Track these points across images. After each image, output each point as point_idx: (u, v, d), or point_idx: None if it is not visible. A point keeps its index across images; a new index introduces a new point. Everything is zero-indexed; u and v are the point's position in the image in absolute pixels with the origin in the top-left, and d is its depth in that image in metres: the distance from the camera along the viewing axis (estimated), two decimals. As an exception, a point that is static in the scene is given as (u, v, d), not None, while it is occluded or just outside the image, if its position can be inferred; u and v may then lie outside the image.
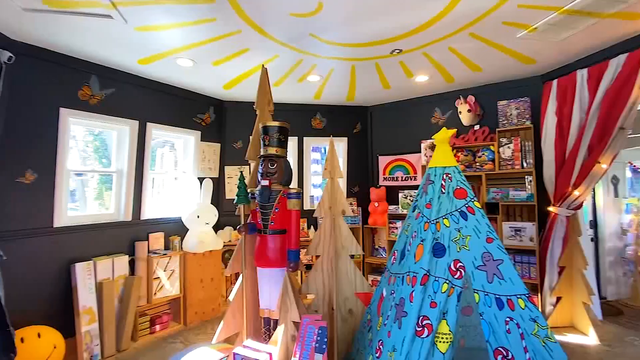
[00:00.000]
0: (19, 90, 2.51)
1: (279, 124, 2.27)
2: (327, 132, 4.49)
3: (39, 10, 1.99)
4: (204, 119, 4.05)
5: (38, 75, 2.61)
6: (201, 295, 3.63)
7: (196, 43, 2.56)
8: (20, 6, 1.94)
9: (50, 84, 2.68)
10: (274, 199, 2.22)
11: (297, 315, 1.97)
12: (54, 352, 2.51)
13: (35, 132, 2.62)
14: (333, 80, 3.50)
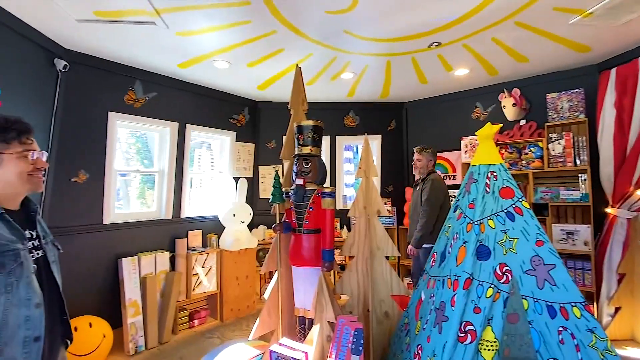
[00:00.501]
0: (73, 96, 2.73)
1: (313, 122, 2.29)
2: (361, 130, 4.46)
3: (91, 21, 2.16)
4: (239, 119, 4.18)
5: (89, 81, 2.83)
6: (237, 292, 3.75)
7: (232, 45, 2.65)
8: (75, 18, 2.12)
9: (99, 89, 2.90)
10: (308, 198, 2.24)
11: (332, 315, 1.98)
12: (104, 341, 2.71)
13: (87, 135, 2.84)
14: (367, 77, 3.47)
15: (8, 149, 1.08)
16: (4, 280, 1.02)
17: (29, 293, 1.07)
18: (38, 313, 1.09)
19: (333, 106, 4.39)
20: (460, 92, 4.06)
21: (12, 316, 1.03)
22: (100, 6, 2.03)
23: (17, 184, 1.11)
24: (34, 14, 2.11)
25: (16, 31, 2.16)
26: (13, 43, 2.18)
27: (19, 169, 1.10)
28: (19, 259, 1.06)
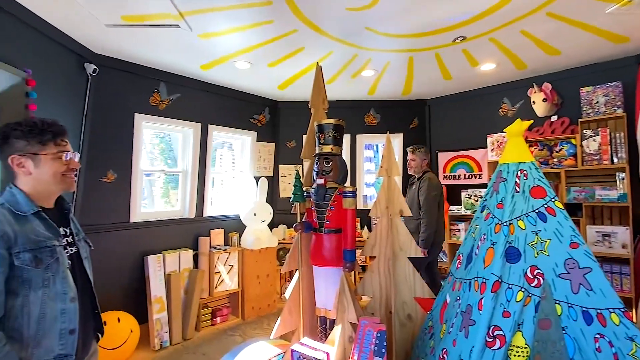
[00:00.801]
0: (102, 99, 2.86)
1: (334, 121, 2.29)
2: (382, 128, 4.41)
3: (119, 25, 2.24)
4: (260, 119, 4.23)
5: (117, 84, 2.95)
6: (258, 291, 3.81)
7: (253, 46, 2.68)
8: (104, 23, 2.21)
9: (126, 91, 3.02)
10: (329, 197, 2.24)
11: (354, 316, 1.97)
12: (131, 336, 2.82)
13: (115, 136, 2.96)
14: (389, 74, 3.43)
15: (44, 150, 1.14)
16: (42, 275, 1.08)
17: (65, 287, 1.13)
18: (73, 307, 1.14)
19: (353, 104, 4.36)
20: (487, 88, 3.94)
21: (50, 309, 1.09)
22: (127, 11, 2.11)
23: (52, 183, 1.17)
24: (66, 20, 2.22)
25: (50, 37, 2.28)
26: (47, 49, 2.30)
27: (53, 169, 1.16)
28: (55, 255, 1.12)
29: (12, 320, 1.03)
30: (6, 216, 1.05)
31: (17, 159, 1.11)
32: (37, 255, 1.07)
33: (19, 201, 1.10)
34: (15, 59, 1.96)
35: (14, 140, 1.10)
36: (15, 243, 1.03)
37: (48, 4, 2.02)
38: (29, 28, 2.11)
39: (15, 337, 1.03)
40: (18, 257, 1.03)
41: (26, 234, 1.07)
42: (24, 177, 1.14)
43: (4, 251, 1.00)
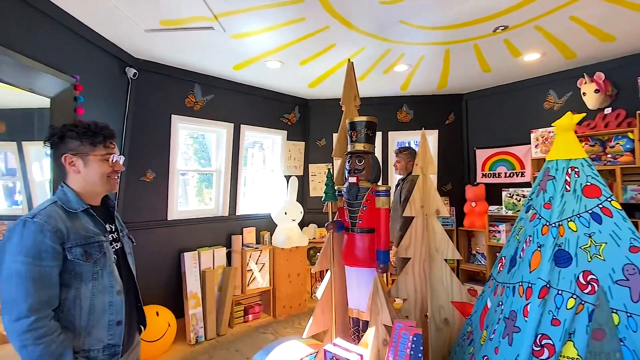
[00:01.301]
0: (141, 101, 3.02)
1: (366, 119, 2.26)
2: (415, 125, 4.31)
3: (157, 30, 2.36)
4: (290, 118, 4.28)
5: (155, 87, 3.10)
6: (289, 290, 3.86)
7: (285, 44, 2.72)
8: (144, 28, 2.33)
9: (163, 94, 3.17)
10: (361, 196, 2.22)
11: (389, 319, 1.94)
12: (169, 330, 2.96)
13: (153, 137, 3.12)
14: (423, 68, 3.34)
15: (94, 151, 1.22)
16: (91, 269, 1.16)
17: (112, 281, 1.20)
18: (119, 300, 1.22)
19: (385, 101, 4.30)
20: (530, 80, 3.73)
21: (98, 302, 1.17)
22: (165, 16, 2.21)
23: (98, 183, 1.25)
24: (109, 27, 2.37)
25: (95, 44, 2.44)
26: (92, 55, 2.47)
27: (101, 170, 1.24)
28: (103, 250, 1.20)
29: (65, 311, 1.12)
30: (59, 213, 1.14)
31: (70, 157, 1.20)
32: (87, 250, 1.15)
33: (70, 199, 1.19)
34: (65, 65, 2.12)
35: (69, 140, 1.19)
36: (67, 238, 1.11)
37: (93, 13, 2.17)
38: (77, 36, 2.27)
39: (68, 327, 1.11)
40: (70, 252, 1.11)
41: (77, 230, 1.15)
42: (73, 176, 1.22)
43: (57, 246, 1.08)
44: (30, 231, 1.06)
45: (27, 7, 1.88)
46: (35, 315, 1.02)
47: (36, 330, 1.01)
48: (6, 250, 1.05)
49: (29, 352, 1.01)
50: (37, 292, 1.03)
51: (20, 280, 1.02)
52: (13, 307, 1.02)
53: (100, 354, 1.16)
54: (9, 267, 1.04)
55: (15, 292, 1.02)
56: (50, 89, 2.02)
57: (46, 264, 1.06)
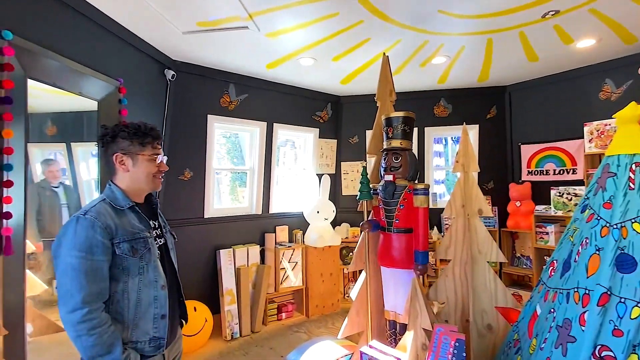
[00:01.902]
0: (179, 102, 3.15)
1: (403, 114, 2.22)
2: (453, 119, 4.17)
3: (194, 32, 2.45)
4: (322, 116, 4.29)
5: (191, 88, 3.23)
6: (321, 289, 3.88)
7: (318, 41, 2.72)
8: (181, 31, 2.43)
9: (200, 94, 3.29)
10: (398, 195, 2.18)
11: (428, 323, 1.89)
12: (206, 325, 3.08)
13: (190, 137, 3.25)
14: (463, 60, 3.22)
15: (143, 151, 1.29)
16: (137, 264, 1.22)
17: (156, 275, 1.26)
18: (163, 294, 1.28)
19: (421, 95, 4.18)
20: (583, 68, 3.48)
21: (144, 295, 1.23)
22: (202, 17, 2.29)
23: (144, 182, 1.32)
24: (149, 30, 2.49)
25: (136, 47, 2.58)
26: (134, 58, 2.62)
27: (148, 169, 1.30)
28: (148, 246, 1.26)
29: (115, 304, 1.19)
30: (108, 210, 1.21)
31: (120, 156, 1.26)
32: (133, 245, 1.22)
33: (117, 197, 1.26)
34: (109, 69, 2.25)
35: (120, 140, 1.26)
36: (115, 234, 1.18)
37: (135, 17, 2.29)
38: (120, 40, 2.41)
39: (118, 319, 1.19)
40: (118, 247, 1.18)
41: (124, 226, 1.22)
42: (122, 174, 1.29)
43: (107, 241, 1.16)
44: (82, 227, 1.13)
45: (75, 13, 2.02)
46: (89, 307, 1.09)
47: (89, 321, 1.08)
48: (62, 245, 1.13)
49: (83, 341, 1.09)
50: (90, 285, 1.11)
51: (74, 273, 1.10)
52: (68, 299, 1.09)
53: (147, 346, 1.23)
54: (64, 261, 1.11)
55: (70, 285, 1.10)
56: (97, 92, 2.16)
57: (97, 258, 1.13)
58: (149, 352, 1.24)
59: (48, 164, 2.54)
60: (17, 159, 1.63)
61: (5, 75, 1.58)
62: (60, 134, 2.71)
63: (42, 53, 1.78)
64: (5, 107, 1.57)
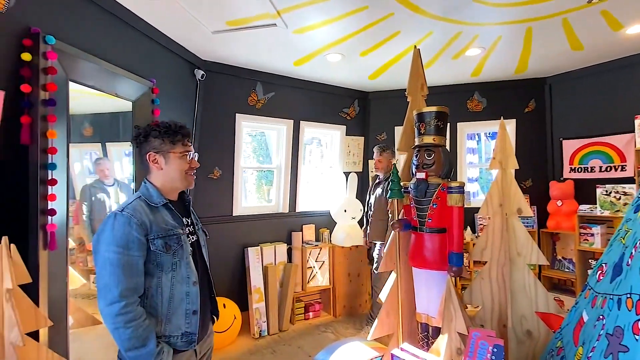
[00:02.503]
0: (208, 102, 3.24)
1: (436, 109, 2.16)
2: (488, 114, 4.02)
3: (223, 31, 2.51)
4: (349, 112, 4.27)
5: (220, 87, 3.31)
6: (348, 289, 3.87)
7: (346, 36, 2.71)
8: (211, 30, 2.50)
9: (228, 93, 3.36)
10: (431, 193, 2.13)
11: (464, 327, 1.84)
12: (235, 322, 3.15)
13: (219, 135, 3.34)
14: (499, 51, 3.10)
15: (174, 149, 1.33)
16: (170, 260, 1.27)
17: (188, 272, 1.31)
18: (195, 290, 1.32)
19: (454, 89, 4.06)
20: (635, 57, 3.25)
21: (177, 291, 1.28)
22: (231, 16, 2.34)
23: (177, 179, 1.36)
24: (180, 31, 2.58)
25: (168, 48, 2.68)
26: (165, 59, 2.72)
27: (180, 167, 1.35)
28: (180, 242, 1.30)
29: (149, 299, 1.24)
30: (143, 207, 1.27)
31: (153, 155, 1.32)
32: (167, 241, 1.26)
33: (152, 194, 1.31)
34: (143, 70, 2.35)
35: (152, 139, 1.31)
36: (150, 230, 1.23)
37: (166, 18, 2.37)
38: (152, 41, 2.51)
39: (152, 313, 1.24)
40: (153, 243, 1.23)
41: (158, 222, 1.27)
42: (155, 172, 1.34)
43: (142, 237, 1.21)
44: (119, 223, 1.19)
45: (110, 16, 2.12)
46: (126, 301, 1.14)
47: (126, 314, 1.14)
48: (100, 241, 1.19)
49: (120, 334, 1.14)
50: (127, 279, 1.16)
51: (112, 268, 1.16)
52: (107, 292, 1.15)
53: (179, 341, 1.27)
54: (103, 256, 1.17)
55: (108, 279, 1.15)
56: (132, 93, 2.26)
57: (133, 253, 1.19)
58: (181, 346, 1.28)
59: (97, 162, 2.69)
60: (60, 159, 1.73)
61: (49, 79, 1.68)
62: (95, 135, 2.86)
63: (81, 56, 1.88)
64: (49, 108, 1.68)
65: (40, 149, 1.64)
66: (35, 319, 1.50)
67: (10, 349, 1.41)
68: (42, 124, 1.65)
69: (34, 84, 1.64)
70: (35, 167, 1.64)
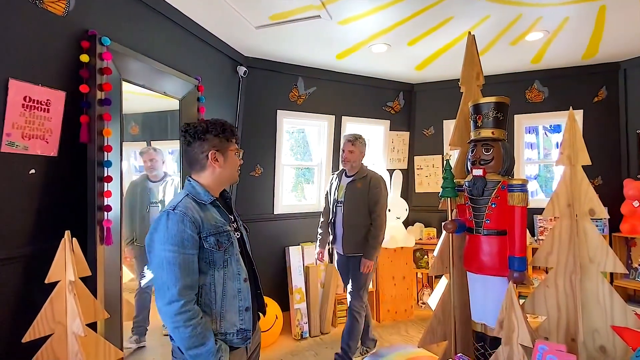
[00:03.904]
0: (250, 99, 3.31)
1: (495, 99, 2.05)
2: (549, 105, 3.77)
3: (267, 26, 2.55)
4: (393, 106, 4.18)
5: (262, 83, 3.37)
6: (393, 293, 3.79)
7: (393, 25, 2.65)
8: (254, 26, 2.54)
9: (270, 90, 3.42)
10: (489, 192, 2.03)
11: (528, 338, 1.73)
12: (276, 322, 3.21)
13: (261, 133, 3.41)
14: (565, 34, 2.88)
15: (230, 146, 1.38)
16: (222, 257, 1.30)
17: (238, 268, 1.34)
18: (246, 286, 1.35)
19: (511, 78, 3.83)
20: None
21: (229, 288, 1.31)
22: (274, 10, 2.37)
23: (229, 176, 1.41)
24: (223, 28, 2.65)
25: (212, 45, 2.77)
26: (209, 56, 2.81)
27: (234, 164, 1.40)
28: (230, 239, 1.33)
29: (204, 296, 1.28)
30: (193, 205, 1.30)
31: (214, 153, 1.34)
32: (218, 239, 1.29)
33: (199, 192, 1.34)
34: (189, 68, 2.45)
35: (211, 137, 1.34)
36: (202, 228, 1.27)
37: (211, 15, 2.45)
38: (197, 39, 2.60)
39: (207, 311, 1.27)
40: (206, 241, 1.26)
41: (208, 220, 1.30)
42: (212, 170, 1.36)
43: (195, 235, 1.24)
44: (173, 222, 1.22)
45: (158, 16, 2.22)
46: (184, 300, 1.18)
47: (185, 313, 1.17)
48: (155, 240, 1.23)
49: (180, 333, 1.18)
50: (184, 278, 1.19)
51: (169, 266, 1.19)
52: (165, 292, 1.19)
53: (235, 338, 1.30)
54: (158, 255, 1.21)
55: (166, 278, 1.19)
56: (179, 91, 2.36)
57: (188, 251, 1.22)
58: (237, 343, 1.31)
59: (143, 152, 2.84)
60: (114, 156, 1.85)
61: (104, 79, 1.80)
62: (140, 134, 3.03)
63: (133, 56, 1.99)
64: (105, 108, 1.79)
65: (97, 146, 1.76)
66: (94, 311, 1.62)
67: (72, 338, 1.53)
68: (98, 123, 1.77)
69: (91, 84, 1.76)
70: (92, 165, 1.77)
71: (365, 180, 2.73)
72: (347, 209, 2.74)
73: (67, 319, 1.53)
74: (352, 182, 2.76)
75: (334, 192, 2.87)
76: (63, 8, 1.68)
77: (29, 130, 1.60)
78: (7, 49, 1.50)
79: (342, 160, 2.79)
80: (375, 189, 2.71)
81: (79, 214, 1.80)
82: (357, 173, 2.77)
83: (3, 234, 1.55)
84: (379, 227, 2.69)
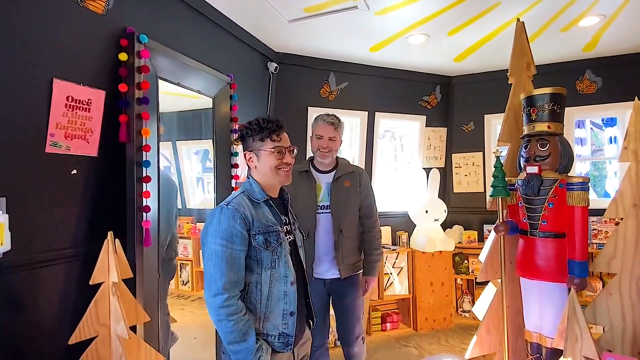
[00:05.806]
0: (281, 95, 3.36)
1: (551, 90, 1.99)
2: (603, 96, 3.62)
3: (300, 19, 2.57)
4: (429, 101, 4.12)
5: (292, 80, 3.42)
6: (431, 300, 3.74)
7: (434, 13, 2.63)
8: (287, 19, 2.57)
9: (300, 86, 3.46)
10: (546, 191, 1.97)
11: (593, 349, 1.66)
12: (309, 328, 3.22)
13: (292, 130, 3.40)
14: (623, 18, 2.76)
15: (263, 146, 1.40)
16: (270, 257, 1.33)
17: (286, 271, 1.36)
18: (292, 290, 1.36)
19: (559, 67, 3.70)
20: None
21: (275, 289, 1.34)
22: (309, 2, 2.40)
23: (270, 176, 1.43)
24: (254, 22, 2.70)
25: (243, 41, 2.83)
26: (241, 53, 2.87)
27: (269, 163, 1.40)
28: (280, 240, 1.36)
29: (249, 295, 1.32)
30: (246, 202, 1.36)
31: (248, 154, 1.42)
32: (267, 238, 1.33)
33: (254, 190, 1.41)
34: (221, 65, 2.50)
35: (245, 138, 1.41)
36: (252, 225, 1.31)
37: (243, 9, 2.49)
38: (230, 35, 2.67)
39: (251, 309, 1.32)
40: (254, 239, 1.31)
41: (259, 218, 1.34)
42: (252, 170, 1.44)
43: (245, 232, 1.29)
44: (225, 217, 1.29)
45: (192, 12, 2.29)
46: (228, 294, 1.23)
47: (228, 307, 1.22)
48: (208, 232, 1.31)
49: (222, 326, 1.23)
50: (230, 273, 1.25)
51: (217, 260, 1.25)
52: (212, 283, 1.25)
53: (276, 341, 1.33)
54: (209, 248, 1.28)
55: (213, 270, 1.25)
56: (212, 89, 2.41)
57: (236, 247, 1.27)
58: (278, 347, 1.34)
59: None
60: (152, 156, 1.90)
61: (142, 77, 1.86)
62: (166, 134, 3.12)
63: (169, 54, 2.05)
64: (143, 106, 1.85)
65: (135, 146, 1.82)
66: (136, 314, 1.67)
67: (116, 340, 1.59)
68: (136, 122, 1.83)
69: (130, 83, 1.83)
70: (131, 165, 1.83)
71: (353, 177, 2.21)
72: (337, 216, 2.14)
73: (111, 322, 1.58)
74: (337, 180, 2.18)
75: (307, 196, 2.20)
76: (103, 6, 1.75)
77: (71, 131, 1.67)
78: (51, 48, 1.57)
79: (317, 150, 2.19)
80: (367, 188, 2.26)
81: (118, 215, 1.86)
82: (338, 168, 2.22)
83: (48, 236, 1.62)
84: (379, 236, 2.27)
